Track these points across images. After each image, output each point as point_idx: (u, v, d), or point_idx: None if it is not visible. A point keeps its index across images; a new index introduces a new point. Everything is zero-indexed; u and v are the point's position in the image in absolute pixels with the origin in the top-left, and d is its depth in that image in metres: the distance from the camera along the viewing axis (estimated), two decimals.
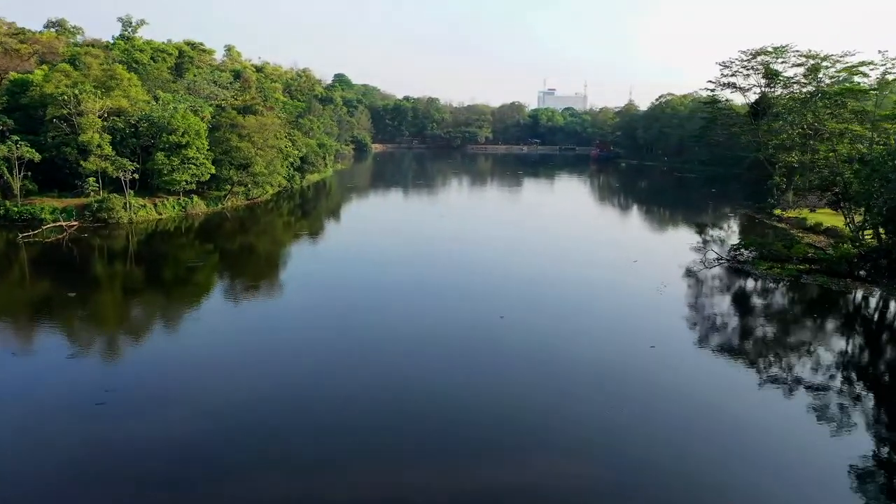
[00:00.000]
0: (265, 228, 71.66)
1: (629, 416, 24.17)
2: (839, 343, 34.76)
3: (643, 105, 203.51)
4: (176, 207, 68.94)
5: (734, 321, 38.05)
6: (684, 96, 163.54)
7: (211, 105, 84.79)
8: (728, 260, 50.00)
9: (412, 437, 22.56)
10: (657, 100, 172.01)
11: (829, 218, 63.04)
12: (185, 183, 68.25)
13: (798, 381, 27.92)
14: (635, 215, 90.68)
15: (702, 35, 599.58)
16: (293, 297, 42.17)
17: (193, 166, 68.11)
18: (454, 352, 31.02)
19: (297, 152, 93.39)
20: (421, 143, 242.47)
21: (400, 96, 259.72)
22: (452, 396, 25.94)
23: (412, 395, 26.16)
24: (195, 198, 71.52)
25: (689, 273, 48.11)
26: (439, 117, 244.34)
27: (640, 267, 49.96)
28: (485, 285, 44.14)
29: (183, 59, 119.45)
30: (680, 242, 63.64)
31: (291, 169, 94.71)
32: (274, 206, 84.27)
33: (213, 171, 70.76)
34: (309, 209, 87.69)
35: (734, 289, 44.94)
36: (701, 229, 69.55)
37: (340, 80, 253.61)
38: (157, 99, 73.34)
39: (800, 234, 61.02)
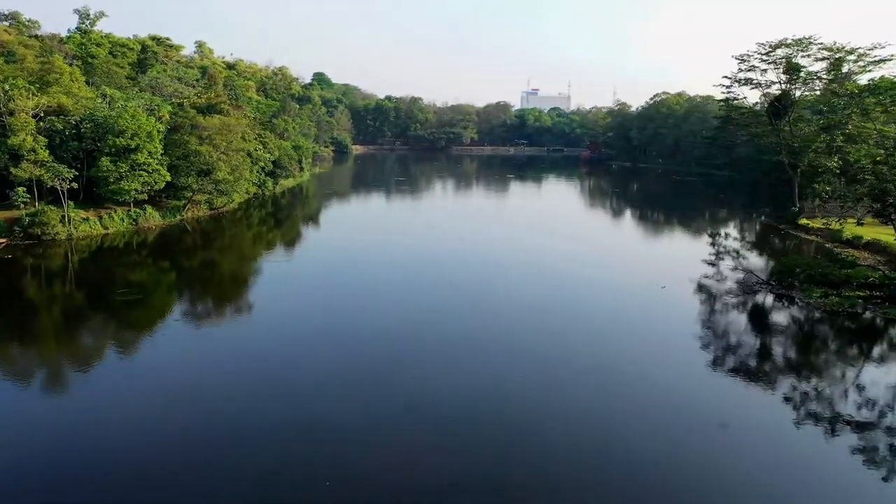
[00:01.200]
0: (230, 242, 63.23)
1: None
2: None
3: (632, 105, 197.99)
4: (125, 220, 60.07)
5: (808, 381, 28.66)
6: (679, 95, 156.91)
7: (171, 104, 75.97)
8: (771, 285, 42.35)
9: None
10: (652, 99, 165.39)
11: (869, 230, 55.83)
12: (135, 192, 59.41)
13: None
14: (645, 227, 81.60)
15: (691, 35, 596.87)
16: (258, 329, 35.00)
17: (145, 173, 59.27)
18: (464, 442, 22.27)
19: (268, 156, 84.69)
20: (404, 144, 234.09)
21: (382, 96, 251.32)
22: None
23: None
24: (149, 208, 62.67)
25: (728, 302, 40.44)
26: (422, 117, 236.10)
27: (668, 294, 42.09)
28: (493, 325, 35.47)
29: (146, 55, 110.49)
30: (702, 257, 56.18)
31: (262, 174, 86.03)
32: (242, 215, 75.65)
33: (169, 178, 61.97)
34: (282, 218, 79.12)
35: (790, 327, 36.92)
36: (722, 246, 61.59)
37: (320, 79, 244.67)
38: (105, 97, 64.28)
39: (836, 249, 53.72)
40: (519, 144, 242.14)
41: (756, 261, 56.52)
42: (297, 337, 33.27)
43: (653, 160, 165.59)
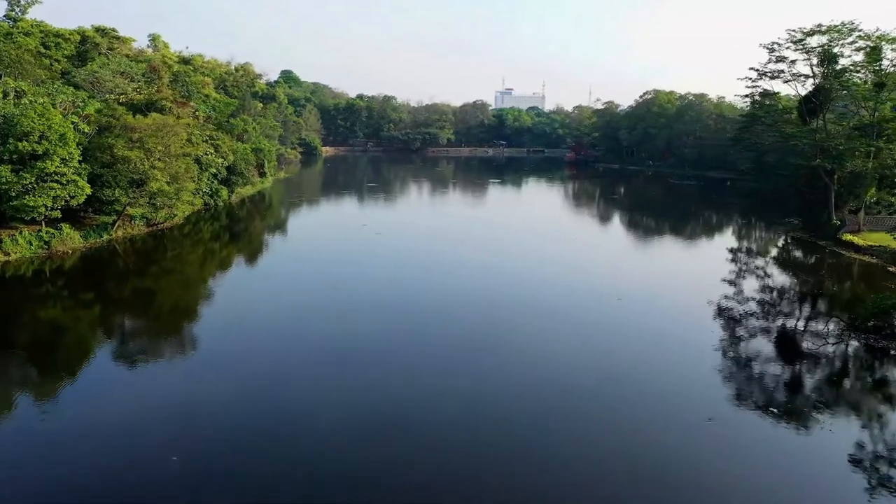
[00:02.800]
0: (172, 265, 52.21)
1: None
2: None
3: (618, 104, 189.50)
4: (34, 243, 48.29)
5: None
6: (670, 93, 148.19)
7: (102, 101, 64.23)
8: (860, 331, 32.60)
9: None
10: (641, 97, 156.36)
11: None
12: (45, 208, 47.77)
13: None
14: (658, 242, 68.46)
15: (675, 35, 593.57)
16: (201, 373, 28.46)
17: (57, 185, 47.66)
18: None
19: (221, 161, 73.26)
20: (377, 145, 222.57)
21: (353, 95, 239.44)
22: None
23: None
24: (66, 228, 50.97)
25: (809, 355, 30.65)
26: (396, 117, 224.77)
27: (721, 342, 32.10)
28: (490, 370, 27.42)
29: (87, 47, 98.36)
30: (737, 281, 46.56)
31: (215, 182, 74.56)
32: (190, 230, 64.31)
33: (90, 191, 50.38)
34: (237, 233, 67.78)
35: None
36: (764, 273, 51.96)
37: (288, 77, 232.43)
38: (5, 94, 52.31)
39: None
40: (498, 146, 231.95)
41: (794, 283, 47.18)
42: (249, 380, 27.20)
43: (642, 162, 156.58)
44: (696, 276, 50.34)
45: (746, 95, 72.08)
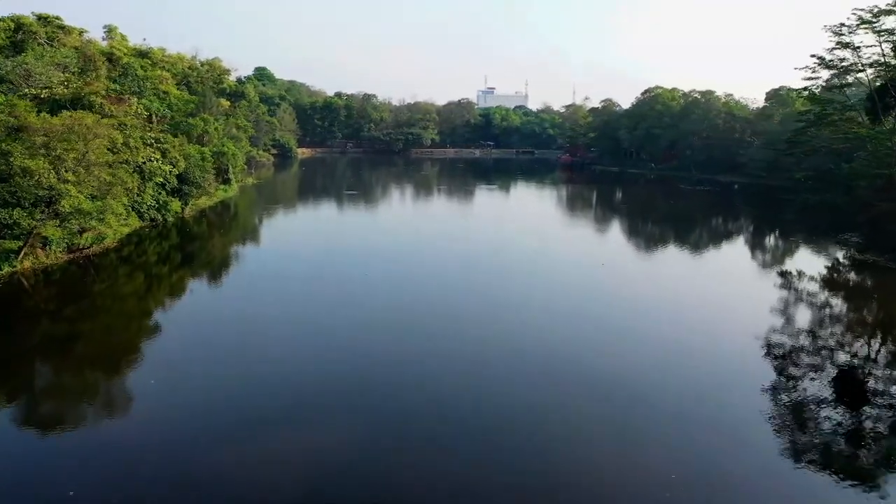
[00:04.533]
0: (99, 302, 40.57)
1: None
2: None
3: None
4: None
5: None
6: (673, 90, 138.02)
7: (11, 97, 51.83)
8: None
9: None
10: (643, 94, 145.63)
11: None
12: None
13: None
14: (699, 269, 53.95)
15: (662, 33, 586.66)
16: (137, 442, 21.39)
17: None
18: None
19: (169, 168, 61.10)
20: (356, 146, 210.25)
21: (331, 93, 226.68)
22: None
23: None
24: None
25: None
26: (377, 117, 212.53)
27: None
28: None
29: (23, 36, 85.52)
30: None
31: (163, 193, 62.42)
32: (130, 253, 52.33)
33: None
34: (191, 254, 55.72)
35: None
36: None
37: (262, 73, 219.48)
38: None
39: None
40: (485, 146, 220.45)
41: (865, 316, 36.87)
42: (201, 452, 21.06)
43: (643, 164, 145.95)
44: (744, 305, 39.35)
45: (804, 90, 61.02)
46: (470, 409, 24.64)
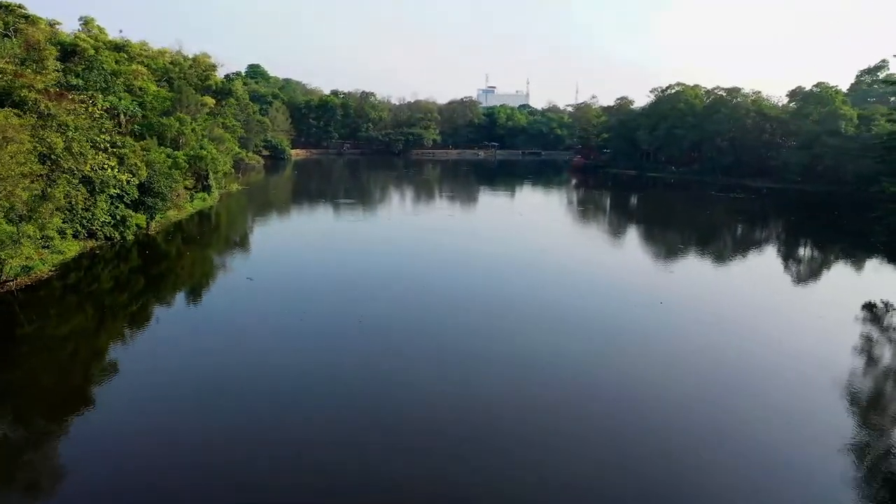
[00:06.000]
0: (20, 350, 31.06)
1: None
2: None
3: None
4: None
5: None
6: (695, 87, 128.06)
7: None
8: None
9: None
10: (663, 92, 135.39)
11: None
12: None
13: None
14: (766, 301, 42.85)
15: (671, 30, 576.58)
16: None
17: None
18: None
19: (126, 177, 51.07)
20: (354, 147, 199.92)
21: (327, 91, 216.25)
22: None
23: None
24: None
25: None
26: (376, 116, 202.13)
27: None
28: None
29: None
30: None
31: (121, 207, 52.38)
32: (75, 282, 42.64)
33: None
34: (151, 280, 45.76)
35: None
36: None
37: (255, 71, 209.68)
38: None
39: None
40: (489, 147, 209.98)
41: None
42: None
43: (662, 167, 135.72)
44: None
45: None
46: None
